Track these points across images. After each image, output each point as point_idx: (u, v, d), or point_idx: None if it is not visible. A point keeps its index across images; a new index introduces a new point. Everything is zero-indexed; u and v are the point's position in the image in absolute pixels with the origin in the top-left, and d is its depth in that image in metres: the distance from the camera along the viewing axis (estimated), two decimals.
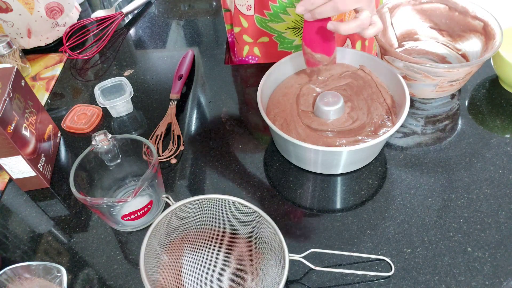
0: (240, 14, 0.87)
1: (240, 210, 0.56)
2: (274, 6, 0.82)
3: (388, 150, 0.70)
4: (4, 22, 0.91)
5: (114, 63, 0.94)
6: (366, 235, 0.60)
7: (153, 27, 1.05)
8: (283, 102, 0.71)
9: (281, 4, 0.82)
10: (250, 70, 0.90)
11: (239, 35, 0.91)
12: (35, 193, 0.70)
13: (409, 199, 0.64)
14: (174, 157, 0.72)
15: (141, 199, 0.61)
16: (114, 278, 0.58)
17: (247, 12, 0.86)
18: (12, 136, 0.61)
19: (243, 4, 0.85)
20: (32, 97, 0.69)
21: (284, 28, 0.86)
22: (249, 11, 0.85)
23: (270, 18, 0.85)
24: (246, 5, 0.85)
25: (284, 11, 0.83)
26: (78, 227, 0.64)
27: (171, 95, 0.81)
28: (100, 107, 0.81)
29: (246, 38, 0.90)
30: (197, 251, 0.58)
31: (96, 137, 0.60)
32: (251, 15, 0.86)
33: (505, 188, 0.64)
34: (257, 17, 0.86)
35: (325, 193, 0.66)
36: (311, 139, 0.65)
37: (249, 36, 0.90)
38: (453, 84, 0.72)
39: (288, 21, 0.85)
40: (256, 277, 0.55)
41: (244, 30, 0.89)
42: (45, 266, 0.56)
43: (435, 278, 0.55)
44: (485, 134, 0.71)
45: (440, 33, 0.83)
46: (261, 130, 0.76)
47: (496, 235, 0.59)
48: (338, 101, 0.67)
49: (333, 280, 0.56)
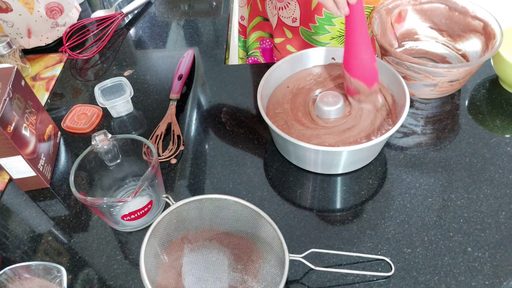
0: (284, 26, 0.88)
1: (240, 210, 0.56)
2: (320, 18, 0.83)
3: (388, 150, 0.70)
4: (4, 22, 0.91)
5: (114, 63, 0.94)
6: (366, 235, 0.60)
7: (153, 27, 1.05)
8: (283, 102, 0.71)
9: (326, 16, 0.82)
10: (250, 70, 0.90)
11: (282, 45, 0.91)
12: (35, 193, 0.70)
13: (409, 199, 0.64)
14: (174, 157, 0.72)
15: (141, 199, 0.61)
16: (114, 278, 0.58)
17: (292, 24, 0.87)
18: (12, 136, 0.61)
19: (288, 16, 0.86)
20: (32, 97, 0.69)
21: (328, 39, 0.86)
22: (294, 23, 0.86)
23: (315, 31, 0.85)
24: (291, 17, 0.85)
25: (330, 22, 0.83)
26: (78, 227, 0.64)
27: (171, 95, 0.81)
28: (100, 107, 0.81)
29: (290, 48, 0.91)
30: (197, 251, 0.58)
31: (96, 137, 0.60)
32: (296, 27, 0.87)
33: (505, 188, 0.64)
34: (302, 29, 0.86)
35: (325, 193, 0.66)
36: (311, 139, 0.65)
37: (293, 46, 0.90)
38: (453, 84, 0.72)
39: (333, 32, 0.85)
40: (256, 277, 0.55)
41: (288, 40, 0.90)
42: (45, 266, 0.56)
43: (435, 278, 0.55)
44: (485, 134, 0.71)
45: (440, 33, 0.83)
46: (261, 130, 0.76)
47: (496, 235, 0.59)
48: (338, 101, 0.67)
49: (333, 280, 0.56)
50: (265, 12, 0.92)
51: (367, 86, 0.66)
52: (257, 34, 0.97)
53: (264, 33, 0.96)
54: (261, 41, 0.98)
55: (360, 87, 0.67)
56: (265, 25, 0.95)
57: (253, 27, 0.97)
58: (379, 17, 0.78)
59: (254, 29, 0.97)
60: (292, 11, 0.84)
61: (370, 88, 0.67)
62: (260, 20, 0.95)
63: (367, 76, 0.66)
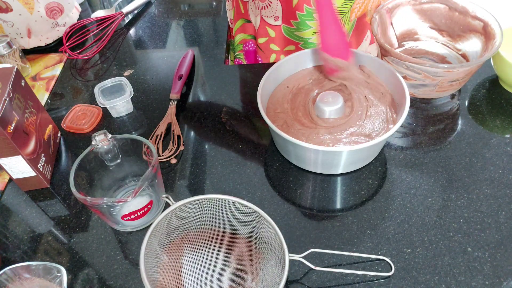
0: (266, 25, 0.89)
1: (240, 210, 0.56)
2: (301, 14, 0.84)
3: (388, 150, 0.70)
4: (4, 22, 0.91)
5: (114, 63, 0.94)
6: (366, 235, 0.60)
7: (153, 27, 1.05)
8: (283, 102, 0.71)
9: (308, 12, 0.84)
10: (250, 70, 0.90)
11: (266, 44, 0.93)
12: (35, 193, 0.70)
13: (409, 199, 0.64)
14: (174, 157, 0.72)
15: (141, 199, 0.61)
16: (114, 278, 0.58)
17: (274, 23, 0.88)
18: (12, 136, 0.61)
19: (270, 15, 0.87)
20: (32, 97, 0.69)
21: (310, 34, 0.87)
22: (276, 22, 0.88)
23: (297, 27, 0.86)
24: (273, 16, 0.87)
25: (311, 17, 0.84)
26: (78, 227, 0.64)
27: (171, 95, 0.81)
28: (100, 107, 0.81)
29: (273, 47, 0.92)
30: (197, 251, 0.58)
31: (96, 137, 0.60)
32: (279, 25, 0.88)
33: (505, 188, 0.64)
34: (284, 27, 0.88)
35: (325, 193, 0.66)
36: (311, 139, 0.65)
37: (276, 45, 0.92)
38: (453, 84, 0.72)
39: (314, 26, 0.86)
40: (256, 277, 0.55)
41: (271, 39, 0.91)
42: (45, 266, 0.56)
43: (435, 278, 0.55)
44: (485, 134, 0.71)
45: (440, 33, 0.83)
46: (261, 130, 0.76)
47: (496, 235, 0.59)
48: (338, 101, 0.67)
49: (333, 280, 0.56)
50: (247, 14, 0.94)
51: (346, 59, 0.70)
52: (240, 37, 0.99)
53: (246, 35, 0.98)
54: (244, 44, 0.99)
55: (340, 63, 0.70)
56: (247, 27, 0.96)
57: (237, 30, 0.98)
58: (379, 17, 0.78)
59: (237, 32, 0.98)
60: (274, 9, 0.86)
61: (348, 60, 0.70)
62: (242, 23, 0.96)
63: (344, 51, 0.70)
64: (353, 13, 0.86)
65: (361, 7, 0.86)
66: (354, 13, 0.86)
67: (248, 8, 0.92)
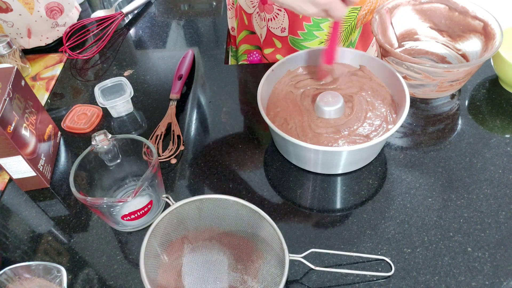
0: (273, 37, 0.90)
1: (240, 210, 0.56)
2: (308, 25, 0.85)
3: (388, 150, 0.70)
4: (4, 22, 0.91)
5: (114, 63, 0.94)
6: (366, 235, 0.60)
7: (153, 27, 1.05)
8: (283, 102, 0.71)
9: (314, 22, 0.84)
10: (250, 70, 0.90)
11: (272, 55, 0.94)
12: (35, 193, 0.70)
13: (409, 199, 0.64)
14: (174, 157, 0.72)
15: (141, 199, 0.61)
16: (114, 278, 0.58)
17: (281, 34, 0.89)
18: (12, 136, 0.61)
19: (277, 27, 0.88)
20: (32, 97, 0.69)
21: (317, 44, 0.88)
22: (283, 33, 0.88)
23: (304, 38, 0.87)
24: (280, 27, 0.88)
25: (318, 27, 0.85)
26: (78, 227, 0.64)
27: (171, 95, 0.81)
28: (100, 107, 0.81)
29: (279, 57, 0.93)
30: (197, 251, 0.58)
31: (96, 137, 0.60)
32: (285, 36, 0.89)
33: (505, 188, 0.64)
34: (291, 38, 0.88)
35: (325, 193, 0.66)
36: (311, 139, 0.65)
37: (282, 55, 0.92)
38: (453, 84, 0.72)
39: (321, 36, 0.87)
40: (256, 277, 0.55)
41: (278, 50, 0.92)
42: (45, 266, 0.56)
43: (435, 278, 0.55)
44: (485, 134, 0.71)
45: (440, 33, 0.83)
46: (261, 130, 0.76)
47: (496, 235, 0.59)
48: (338, 101, 0.67)
49: (333, 280, 0.56)
50: (251, 25, 0.94)
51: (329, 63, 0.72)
52: (244, 47, 0.99)
53: (251, 46, 0.99)
54: (249, 54, 1.00)
55: (329, 69, 0.72)
56: (251, 38, 0.97)
57: (240, 40, 0.99)
58: (379, 17, 0.78)
59: (241, 42, 0.99)
60: (281, 21, 0.86)
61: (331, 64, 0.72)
62: (246, 34, 0.97)
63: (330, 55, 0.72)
64: (359, 20, 0.86)
65: (367, 14, 0.86)
66: (360, 20, 0.87)
67: (252, 20, 0.93)
